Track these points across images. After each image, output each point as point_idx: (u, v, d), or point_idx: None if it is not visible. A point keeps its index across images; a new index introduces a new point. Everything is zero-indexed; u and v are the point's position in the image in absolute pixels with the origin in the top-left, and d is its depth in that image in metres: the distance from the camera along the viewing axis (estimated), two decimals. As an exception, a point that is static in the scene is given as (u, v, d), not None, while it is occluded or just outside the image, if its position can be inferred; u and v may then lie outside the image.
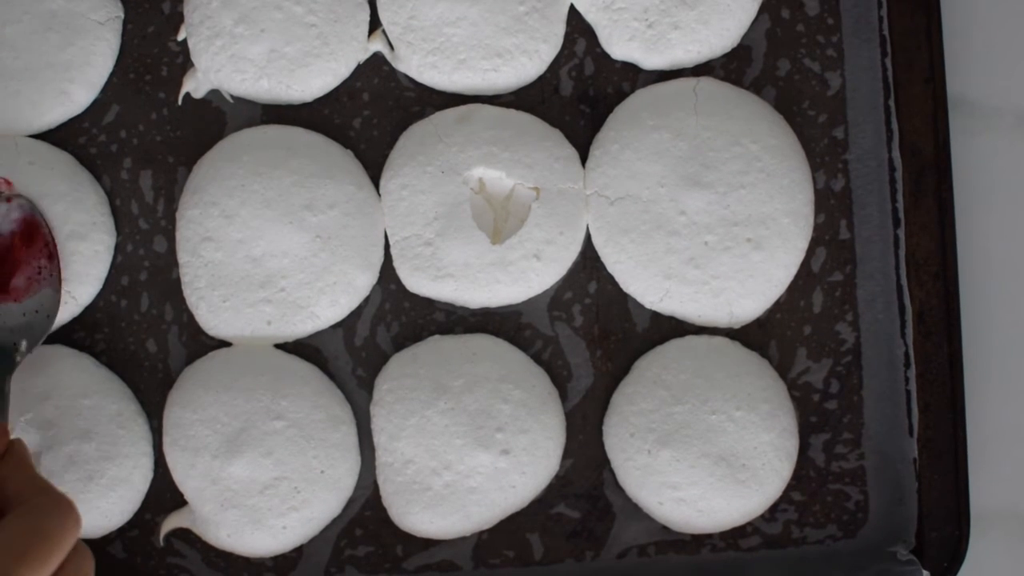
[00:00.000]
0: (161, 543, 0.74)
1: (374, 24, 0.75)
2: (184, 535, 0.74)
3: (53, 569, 0.55)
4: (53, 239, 0.71)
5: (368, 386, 0.75)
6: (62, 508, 0.57)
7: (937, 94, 0.74)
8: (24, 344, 0.70)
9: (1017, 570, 0.78)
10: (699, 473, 0.73)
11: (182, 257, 0.74)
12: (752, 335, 0.75)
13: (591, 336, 0.75)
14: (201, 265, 0.73)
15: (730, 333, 0.75)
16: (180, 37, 0.75)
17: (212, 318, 0.74)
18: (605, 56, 0.75)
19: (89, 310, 0.74)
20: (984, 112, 0.78)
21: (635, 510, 0.74)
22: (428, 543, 0.74)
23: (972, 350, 0.76)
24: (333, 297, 0.73)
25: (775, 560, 0.74)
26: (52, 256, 0.71)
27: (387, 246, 0.74)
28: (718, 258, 0.73)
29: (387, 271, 0.75)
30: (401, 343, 0.75)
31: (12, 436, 0.72)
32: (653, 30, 0.74)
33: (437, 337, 0.75)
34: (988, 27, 0.79)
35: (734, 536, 0.74)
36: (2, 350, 0.69)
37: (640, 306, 0.74)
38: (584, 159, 0.75)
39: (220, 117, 0.75)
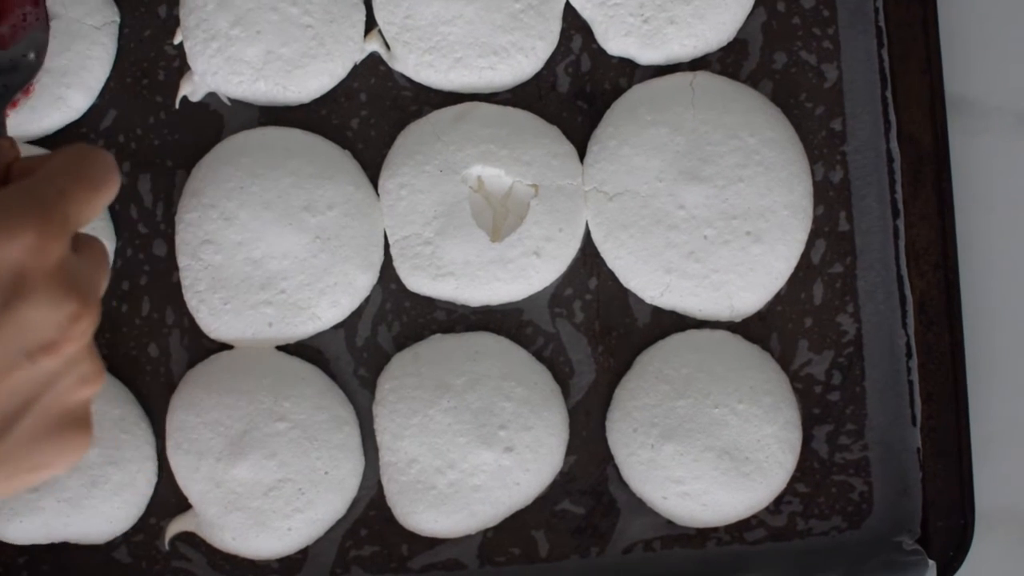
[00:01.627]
0: (166, 547, 0.74)
1: (370, 24, 0.75)
2: (189, 539, 0.74)
3: (102, 200, 0.55)
4: None
5: (370, 386, 0.75)
6: (97, 148, 0.56)
7: (934, 85, 0.75)
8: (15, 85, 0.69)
9: (1019, 570, 0.78)
10: (703, 467, 0.73)
11: (182, 260, 0.74)
12: (753, 328, 0.75)
13: (592, 332, 0.75)
14: (201, 268, 0.73)
15: (731, 326, 0.75)
16: (176, 41, 0.75)
17: (213, 321, 0.74)
18: (601, 52, 0.75)
19: (90, 315, 0.74)
20: (984, 112, 0.78)
21: (640, 505, 0.74)
22: (433, 542, 0.74)
23: (974, 339, 0.76)
24: (334, 298, 0.73)
25: (781, 553, 0.74)
26: (38, 1, 0.69)
27: (387, 246, 0.74)
28: (718, 252, 0.73)
29: (387, 271, 0.75)
30: (402, 342, 0.75)
31: None
32: (649, 25, 0.74)
33: (438, 336, 0.75)
34: (988, 27, 0.79)
35: (739, 529, 0.74)
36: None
37: (641, 301, 0.74)
38: (582, 155, 0.75)
39: (218, 120, 0.75)
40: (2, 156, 0.58)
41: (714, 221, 0.73)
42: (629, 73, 0.75)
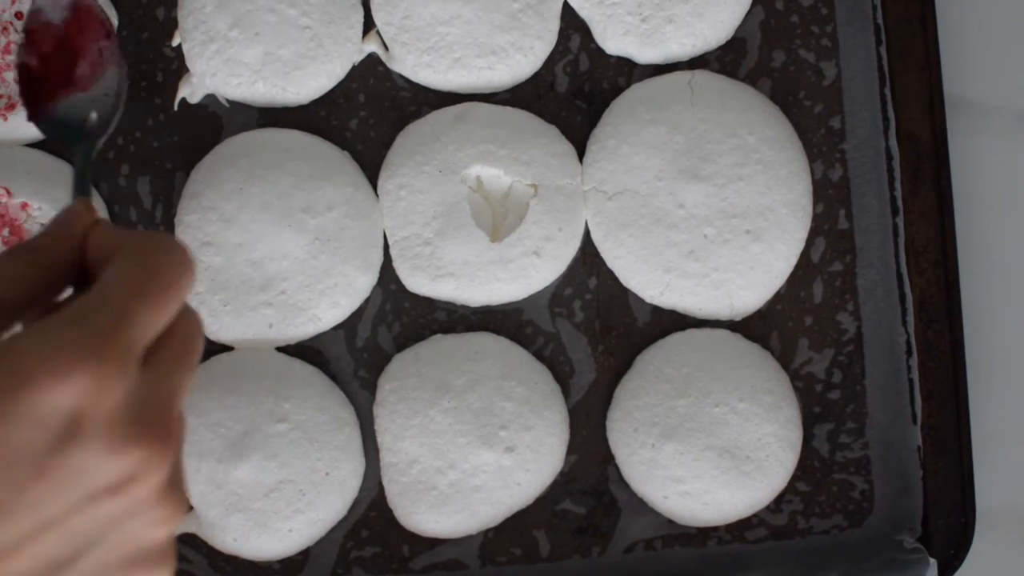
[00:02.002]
0: (167, 549, 0.74)
1: (368, 25, 0.75)
2: (190, 540, 0.74)
3: (171, 311, 0.47)
4: (107, 16, 0.67)
5: (371, 387, 0.75)
6: (170, 244, 0.48)
7: (933, 82, 0.74)
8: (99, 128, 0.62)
9: (1020, 568, 0.78)
10: (703, 466, 0.73)
11: (182, 262, 0.74)
12: (753, 327, 0.75)
13: (592, 332, 0.75)
14: (201, 270, 0.73)
15: (731, 325, 0.75)
16: (175, 43, 0.75)
17: (213, 322, 0.74)
18: (600, 51, 0.75)
19: (90, 317, 0.74)
20: (984, 112, 0.78)
21: (640, 505, 0.74)
22: (434, 542, 0.74)
23: (974, 336, 0.76)
24: (334, 299, 0.73)
25: (781, 551, 0.74)
26: (110, 34, 0.66)
27: (386, 247, 0.74)
28: (718, 251, 0.73)
29: (387, 271, 0.75)
30: (403, 343, 0.75)
31: None
32: (647, 24, 0.74)
33: (439, 336, 0.75)
34: (987, 26, 0.78)
35: (740, 528, 0.74)
36: (82, 138, 0.62)
37: (641, 300, 0.74)
38: (581, 155, 0.75)
39: (216, 122, 0.75)
40: (79, 220, 0.50)
41: (714, 220, 0.73)
42: (627, 72, 0.75)
